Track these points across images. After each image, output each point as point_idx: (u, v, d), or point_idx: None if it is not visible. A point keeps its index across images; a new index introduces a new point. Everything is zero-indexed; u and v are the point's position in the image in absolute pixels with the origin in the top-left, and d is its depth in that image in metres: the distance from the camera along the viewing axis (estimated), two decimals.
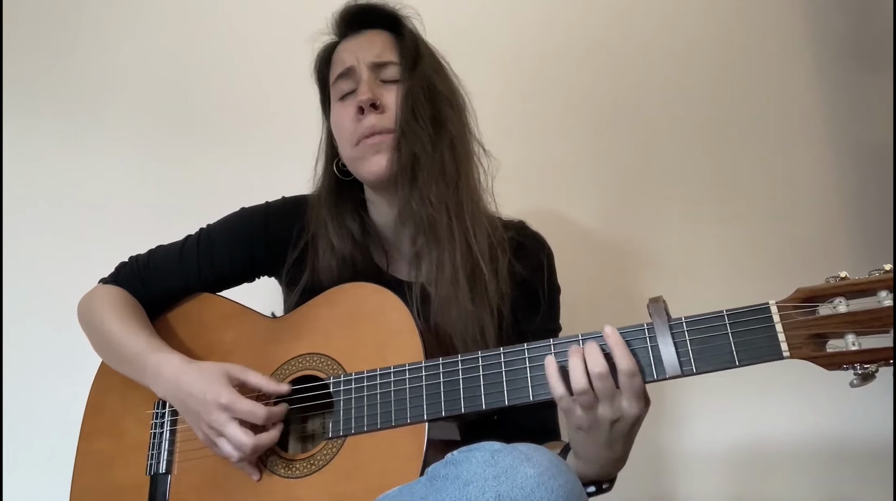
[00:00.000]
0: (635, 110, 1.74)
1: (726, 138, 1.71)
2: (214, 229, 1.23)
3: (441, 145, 1.11)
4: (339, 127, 1.16)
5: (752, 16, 1.79)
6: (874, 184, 1.66)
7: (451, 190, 1.10)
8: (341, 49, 1.19)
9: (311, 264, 1.16)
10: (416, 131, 1.09)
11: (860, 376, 0.80)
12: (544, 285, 1.17)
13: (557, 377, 0.90)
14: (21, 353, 1.67)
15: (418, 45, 1.17)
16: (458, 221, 1.09)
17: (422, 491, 0.82)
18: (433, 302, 1.08)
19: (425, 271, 1.10)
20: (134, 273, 1.22)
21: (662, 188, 1.69)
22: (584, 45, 1.79)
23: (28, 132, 1.82)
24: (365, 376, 1.02)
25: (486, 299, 1.08)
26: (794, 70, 1.76)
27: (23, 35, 1.88)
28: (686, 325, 0.88)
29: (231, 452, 1.01)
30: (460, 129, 1.16)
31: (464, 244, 1.08)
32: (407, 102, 1.10)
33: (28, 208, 1.77)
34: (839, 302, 0.82)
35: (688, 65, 1.76)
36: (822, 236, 1.63)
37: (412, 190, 1.09)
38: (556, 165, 1.69)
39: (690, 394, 1.54)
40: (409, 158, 1.09)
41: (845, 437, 1.50)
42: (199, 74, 1.85)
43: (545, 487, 0.75)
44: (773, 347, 0.83)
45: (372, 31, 1.18)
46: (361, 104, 1.10)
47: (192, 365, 1.07)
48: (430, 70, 1.15)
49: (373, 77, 1.13)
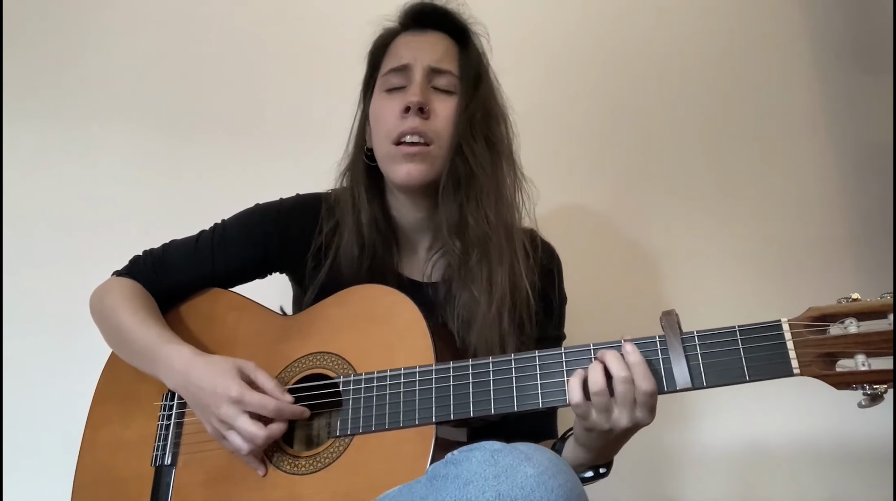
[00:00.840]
0: (635, 112, 1.75)
1: (727, 140, 1.72)
2: (229, 224, 1.22)
3: (496, 166, 1.13)
4: (379, 118, 1.15)
5: (752, 17, 1.79)
6: (875, 184, 1.68)
7: (506, 210, 1.13)
8: (401, 42, 1.18)
9: (334, 254, 1.15)
10: (473, 149, 1.10)
11: (869, 396, 0.82)
12: (555, 294, 1.19)
13: (579, 385, 0.91)
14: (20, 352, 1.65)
15: (481, 64, 1.17)
16: (508, 242, 1.11)
17: (422, 491, 0.83)
18: (475, 320, 1.09)
19: (472, 285, 1.10)
20: (148, 266, 1.22)
21: (664, 191, 1.70)
22: (584, 47, 1.79)
23: (29, 132, 1.78)
24: (375, 376, 1.02)
25: (517, 317, 1.10)
26: (795, 70, 1.77)
27: (23, 35, 1.84)
28: (698, 340, 0.89)
29: (241, 445, 1.01)
30: (510, 152, 1.18)
31: (510, 268, 1.10)
32: (465, 119, 1.11)
33: (29, 208, 1.73)
34: (850, 323, 0.84)
35: (688, 66, 1.77)
36: (822, 237, 1.65)
37: (467, 204, 1.10)
38: (560, 169, 1.69)
39: (692, 396, 1.55)
40: (465, 173, 1.10)
41: (846, 438, 1.52)
42: (206, 71, 1.82)
43: (545, 486, 0.76)
44: (784, 364, 0.85)
45: (437, 34, 1.17)
46: (410, 104, 1.09)
47: (203, 358, 1.07)
48: (490, 90, 1.17)
49: (426, 81, 1.12)
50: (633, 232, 1.68)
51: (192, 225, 1.24)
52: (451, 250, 1.13)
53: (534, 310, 1.13)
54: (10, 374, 1.62)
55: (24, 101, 1.80)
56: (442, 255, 1.17)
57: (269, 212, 1.21)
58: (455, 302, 1.12)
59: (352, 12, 1.69)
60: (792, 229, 1.65)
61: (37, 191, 1.74)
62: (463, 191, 1.11)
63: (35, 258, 1.70)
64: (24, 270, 1.69)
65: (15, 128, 1.77)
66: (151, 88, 1.82)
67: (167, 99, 1.81)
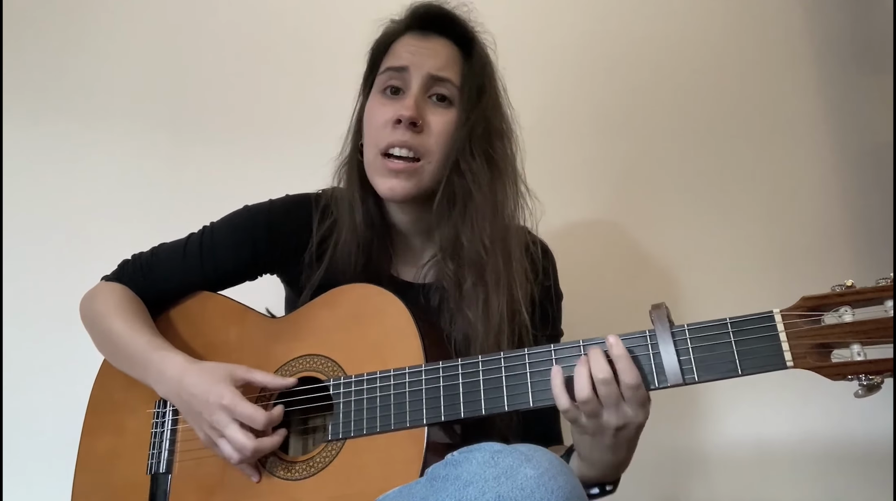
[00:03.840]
0: (634, 113, 1.74)
1: (726, 140, 1.72)
2: (218, 226, 1.21)
3: (495, 185, 1.09)
4: (370, 121, 1.13)
5: (753, 18, 1.79)
6: (875, 184, 1.67)
7: (502, 233, 1.09)
8: (403, 43, 1.14)
9: (332, 253, 1.14)
10: (470, 166, 1.07)
11: (865, 386, 0.79)
12: (551, 293, 1.17)
13: (562, 388, 0.89)
14: (20, 352, 1.66)
15: (485, 76, 1.13)
16: (506, 267, 1.08)
17: (421, 492, 0.82)
18: (473, 344, 1.06)
19: (468, 310, 1.07)
20: (137, 271, 1.21)
21: (664, 191, 1.70)
22: (584, 48, 1.79)
23: (29, 132, 1.80)
24: (365, 378, 1.01)
25: (515, 339, 1.08)
26: (795, 70, 1.76)
27: (23, 35, 1.87)
28: (689, 333, 0.87)
29: (231, 453, 1.00)
30: (512, 168, 1.14)
31: (508, 293, 1.07)
32: (464, 133, 1.08)
33: (29, 209, 1.75)
34: (845, 311, 0.82)
35: (687, 67, 1.76)
36: (823, 237, 1.63)
37: (462, 224, 1.08)
38: (559, 170, 1.69)
39: (691, 396, 1.55)
40: (462, 191, 1.07)
41: (846, 438, 1.51)
42: (200, 73, 1.84)
43: (545, 488, 0.75)
44: (777, 356, 0.83)
45: (440, 40, 1.13)
46: (402, 118, 1.06)
47: (195, 365, 1.06)
48: (492, 104, 1.12)
49: (423, 91, 1.09)
50: (633, 232, 1.68)
51: (191, 225, 1.24)
52: (444, 271, 1.10)
53: (530, 331, 1.10)
54: (10, 374, 1.63)
55: (24, 101, 1.82)
56: (435, 264, 1.15)
57: (258, 213, 1.20)
58: (451, 321, 1.09)
59: (348, 11, 1.72)
60: (792, 230, 1.64)
61: (37, 191, 1.76)
62: (458, 210, 1.08)
63: (35, 258, 1.71)
64: (24, 269, 1.70)
65: (15, 128, 1.80)
66: (147, 89, 1.83)
67: (162, 101, 1.83)
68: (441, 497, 0.77)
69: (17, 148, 1.78)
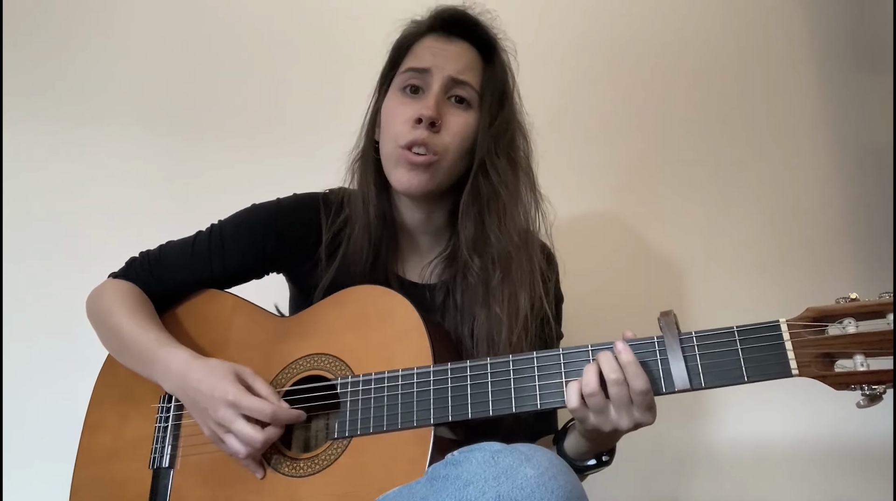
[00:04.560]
0: (635, 114, 1.75)
1: (726, 140, 1.73)
2: (226, 224, 1.22)
3: (520, 184, 1.13)
4: (390, 118, 1.14)
5: (753, 18, 1.79)
6: (875, 184, 1.68)
7: (525, 232, 1.12)
8: (425, 45, 1.15)
9: (344, 250, 1.15)
10: (496, 166, 1.10)
11: (868, 396, 0.81)
12: (551, 295, 1.18)
13: (576, 387, 0.91)
14: (20, 352, 1.65)
15: (507, 81, 1.16)
16: (530, 264, 1.11)
17: (422, 492, 0.82)
18: (495, 340, 1.08)
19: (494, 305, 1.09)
20: (144, 268, 1.21)
21: (664, 192, 1.70)
22: (584, 48, 1.79)
23: (29, 131, 1.78)
24: (373, 378, 1.02)
25: (533, 339, 1.11)
26: (796, 71, 1.77)
27: (23, 35, 1.84)
28: (696, 340, 0.89)
29: (239, 448, 1.01)
30: (529, 169, 1.17)
31: (532, 289, 1.10)
32: (491, 136, 1.11)
33: (29, 209, 1.73)
34: (849, 323, 0.84)
35: (688, 68, 1.77)
36: (823, 237, 1.65)
37: (489, 221, 1.10)
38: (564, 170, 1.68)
39: (692, 397, 1.55)
40: (488, 190, 1.10)
41: (846, 438, 1.52)
42: (201, 72, 1.82)
43: (545, 488, 0.76)
44: (783, 365, 0.85)
45: (463, 44, 1.15)
46: (423, 117, 1.08)
47: (201, 361, 1.06)
48: (514, 109, 1.16)
49: (443, 92, 1.11)
50: (635, 233, 1.68)
51: (194, 225, 1.24)
52: (466, 268, 1.12)
53: (554, 327, 1.14)
54: (10, 374, 1.62)
55: (25, 100, 1.79)
56: (443, 262, 1.17)
57: (266, 212, 1.20)
58: (460, 319, 1.12)
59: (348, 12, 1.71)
60: (792, 229, 1.65)
61: (37, 191, 1.74)
62: (485, 207, 1.11)
63: (35, 258, 1.70)
64: (24, 269, 1.69)
65: (15, 128, 1.77)
66: (150, 87, 1.81)
67: (165, 99, 1.81)
68: (441, 497, 0.78)
69: (17, 148, 1.76)
